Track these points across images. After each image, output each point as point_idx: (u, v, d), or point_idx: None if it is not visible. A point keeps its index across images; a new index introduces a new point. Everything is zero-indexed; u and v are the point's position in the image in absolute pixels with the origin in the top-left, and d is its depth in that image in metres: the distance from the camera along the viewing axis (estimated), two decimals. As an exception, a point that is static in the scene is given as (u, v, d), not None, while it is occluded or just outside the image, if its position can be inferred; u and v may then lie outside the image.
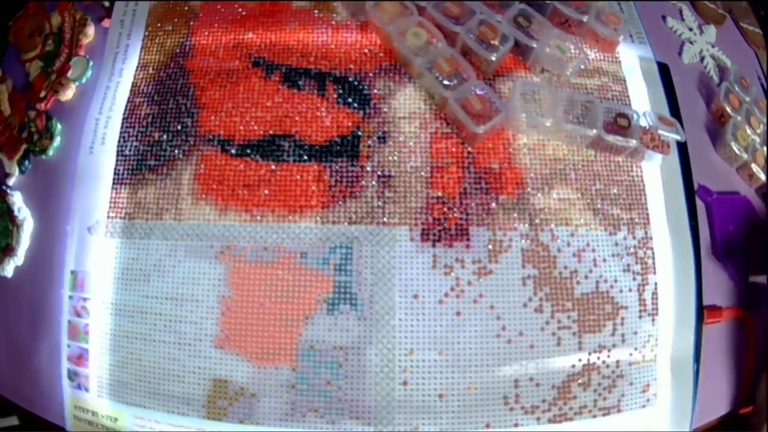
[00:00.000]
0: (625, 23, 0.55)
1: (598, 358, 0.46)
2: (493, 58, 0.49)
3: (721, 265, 0.51)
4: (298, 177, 0.47)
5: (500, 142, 0.49)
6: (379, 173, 0.47)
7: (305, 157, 0.48)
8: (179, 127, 0.50)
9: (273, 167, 0.48)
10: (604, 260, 0.47)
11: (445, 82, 0.48)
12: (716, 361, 0.49)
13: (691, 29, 0.60)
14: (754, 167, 0.55)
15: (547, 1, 0.53)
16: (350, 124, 0.49)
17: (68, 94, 0.54)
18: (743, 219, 0.53)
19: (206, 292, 0.46)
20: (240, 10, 0.54)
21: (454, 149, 0.48)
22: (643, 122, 0.50)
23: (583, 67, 0.52)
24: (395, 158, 0.48)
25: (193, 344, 0.46)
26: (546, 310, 0.45)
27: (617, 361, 0.46)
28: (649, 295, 0.47)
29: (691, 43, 0.59)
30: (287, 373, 0.45)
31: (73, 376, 0.49)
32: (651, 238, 0.48)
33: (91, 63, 0.54)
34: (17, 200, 0.53)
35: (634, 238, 0.48)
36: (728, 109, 0.55)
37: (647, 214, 0.49)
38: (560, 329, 0.45)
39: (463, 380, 0.44)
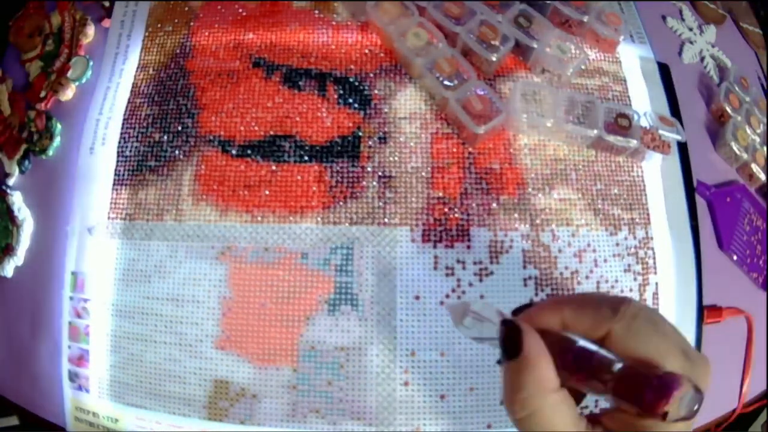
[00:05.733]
0: (626, 23, 0.55)
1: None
2: (494, 59, 0.49)
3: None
4: (299, 177, 0.47)
5: (501, 143, 0.49)
6: (379, 174, 0.47)
7: (306, 158, 0.48)
8: (180, 128, 0.50)
9: (274, 168, 0.48)
10: (605, 260, 0.47)
11: (446, 83, 0.48)
12: (716, 361, 0.49)
13: (691, 29, 0.60)
14: (754, 167, 0.55)
15: (548, 2, 0.53)
16: (351, 124, 0.49)
17: (68, 94, 0.54)
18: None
19: (207, 293, 0.46)
20: (240, 10, 0.54)
21: (454, 150, 0.48)
22: (644, 122, 0.50)
23: (583, 67, 0.52)
24: (396, 159, 0.48)
25: (194, 345, 0.46)
26: (547, 310, 0.45)
27: (618, 362, 0.46)
28: (650, 296, 0.47)
29: (691, 43, 0.59)
30: (288, 373, 0.45)
31: (73, 377, 0.49)
32: (652, 238, 0.48)
33: (91, 63, 0.54)
34: (17, 200, 0.53)
35: (634, 238, 0.48)
36: (728, 109, 0.55)
37: (648, 214, 0.49)
38: (561, 329, 0.45)
39: (464, 381, 0.44)
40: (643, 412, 0.24)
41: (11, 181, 0.54)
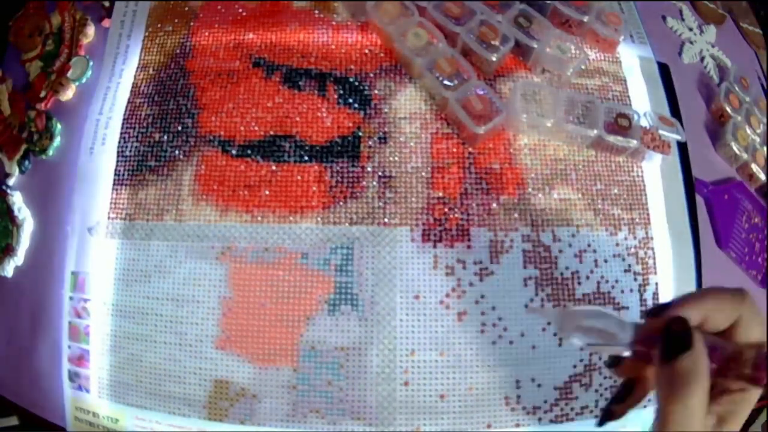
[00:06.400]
0: (626, 23, 0.55)
1: (600, 358, 0.46)
2: (494, 59, 0.49)
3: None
4: (299, 177, 0.47)
5: (501, 143, 0.49)
6: (379, 174, 0.47)
7: (306, 158, 0.48)
8: (180, 128, 0.50)
9: (274, 168, 0.48)
10: (605, 261, 0.47)
11: (446, 83, 0.48)
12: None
13: (691, 29, 0.60)
14: (754, 167, 0.55)
15: (548, 2, 0.53)
16: (351, 124, 0.49)
17: (68, 94, 0.54)
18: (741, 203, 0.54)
19: (207, 293, 0.46)
20: (240, 10, 0.54)
21: (454, 150, 0.48)
22: (644, 122, 0.50)
23: (583, 67, 0.52)
24: (396, 159, 0.48)
25: (194, 345, 0.46)
26: (547, 310, 0.45)
27: (618, 362, 0.46)
28: (650, 296, 0.47)
29: (691, 43, 0.59)
30: (288, 373, 0.45)
31: (73, 377, 0.49)
32: (652, 239, 0.48)
33: (91, 63, 0.54)
34: (17, 200, 0.53)
35: (635, 238, 0.48)
36: (728, 109, 0.55)
37: (648, 215, 0.49)
38: (561, 330, 0.45)
39: (464, 381, 0.44)
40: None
41: (11, 181, 0.54)
